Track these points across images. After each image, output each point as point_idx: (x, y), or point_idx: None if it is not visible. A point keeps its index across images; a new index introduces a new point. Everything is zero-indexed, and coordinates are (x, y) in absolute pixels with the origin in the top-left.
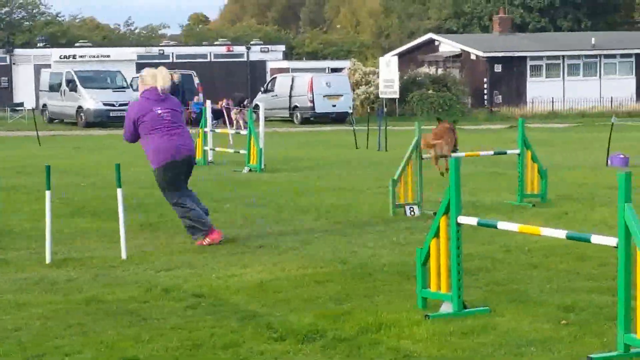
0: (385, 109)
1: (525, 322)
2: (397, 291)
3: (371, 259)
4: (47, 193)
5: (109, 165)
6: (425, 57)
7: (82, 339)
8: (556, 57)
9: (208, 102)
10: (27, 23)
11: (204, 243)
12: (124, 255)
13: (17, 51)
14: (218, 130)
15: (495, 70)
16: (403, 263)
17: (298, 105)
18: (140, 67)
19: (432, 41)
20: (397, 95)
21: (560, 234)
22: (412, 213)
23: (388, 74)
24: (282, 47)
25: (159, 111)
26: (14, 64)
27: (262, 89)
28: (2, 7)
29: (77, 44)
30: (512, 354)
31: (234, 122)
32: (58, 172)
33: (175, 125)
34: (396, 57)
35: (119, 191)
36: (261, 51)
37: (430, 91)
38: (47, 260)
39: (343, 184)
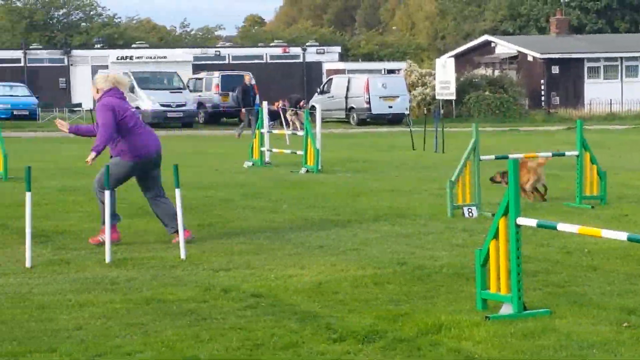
0: (441, 111)
1: (587, 325)
2: (456, 292)
3: (430, 260)
4: (107, 193)
5: (166, 166)
6: (482, 58)
7: (143, 338)
8: (614, 59)
9: (264, 103)
10: (85, 24)
11: (99, 239)
12: (182, 256)
13: (75, 52)
14: (275, 131)
15: (553, 72)
16: (462, 264)
17: (354, 106)
18: (196, 68)
19: (488, 43)
20: (453, 97)
21: (621, 235)
22: (470, 214)
23: (444, 76)
24: (338, 49)
25: (132, 109)
26: (71, 65)
27: (318, 90)
28: (59, 9)
29: (133, 45)
30: (574, 356)
31: (290, 123)
32: None
33: (144, 124)
34: (452, 59)
35: (177, 191)
36: (317, 52)
37: (487, 93)
38: (107, 259)
39: (400, 185)
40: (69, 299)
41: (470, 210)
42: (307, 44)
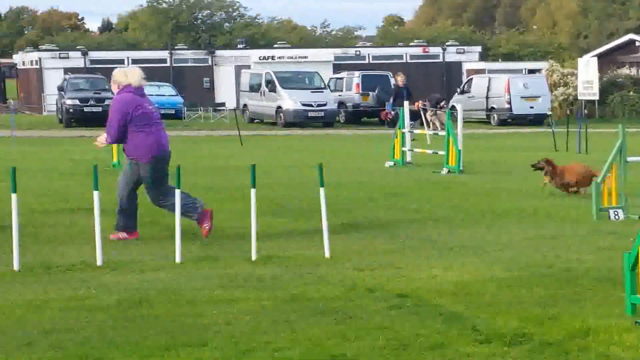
0: (585, 111)
1: None
2: (604, 296)
3: (576, 263)
4: (252, 191)
5: (308, 165)
6: (626, 58)
7: (290, 335)
8: None
9: (406, 103)
10: (227, 25)
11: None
12: (327, 254)
13: (218, 52)
14: (416, 131)
15: None
16: (609, 268)
17: (495, 106)
18: (337, 68)
19: (632, 42)
20: (596, 97)
21: None
22: (617, 217)
23: (587, 75)
24: (478, 48)
25: (149, 107)
26: (215, 65)
27: (458, 90)
28: (203, 10)
29: (275, 45)
30: None
31: (430, 123)
32: (259, 172)
33: (160, 121)
34: (595, 58)
35: (321, 190)
36: (457, 52)
37: (631, 93)
38: (253, 257)
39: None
40: (218, 294)
41: (616, 212)
42: (447, 43)
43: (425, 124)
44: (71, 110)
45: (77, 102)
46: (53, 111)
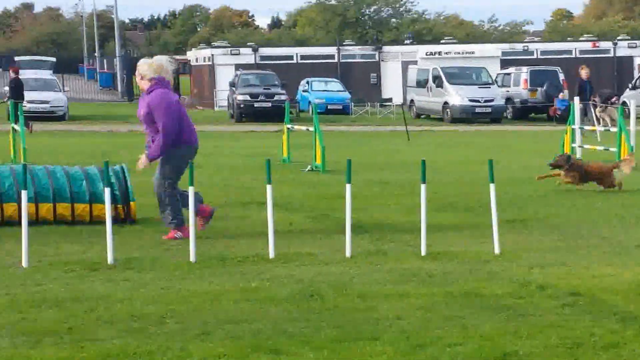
0: None
1: None
2: None
3: None
4: (422, 187)
5: (476, 161)
6: None
7: (462, 331)
8: None
9: (576, 99)
10: (394, 20)
11: (176, 236)
12: (496, 250)
13: (385, 48)
14: (587, 128)
15: None
16: None
17: None
18: (504, 63)
19: None
20: None
21: None
22: None
23: None
24: None
25: (176, 98)
26: (382, 60)
27: (629, 85)
28: (371, 6)
29: (442, 41)
30: None
31: (600, 119)
32: (427, 167)
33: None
34: None
35: (491, 186)
36: (629, 47)
37: None
38: (422, 252)
39: None
40: (389, 289)
41: None
42: (618, 37)
43: (595, 120)
44: (242, 105)
45: (247, 97)
46: (224, 106)
